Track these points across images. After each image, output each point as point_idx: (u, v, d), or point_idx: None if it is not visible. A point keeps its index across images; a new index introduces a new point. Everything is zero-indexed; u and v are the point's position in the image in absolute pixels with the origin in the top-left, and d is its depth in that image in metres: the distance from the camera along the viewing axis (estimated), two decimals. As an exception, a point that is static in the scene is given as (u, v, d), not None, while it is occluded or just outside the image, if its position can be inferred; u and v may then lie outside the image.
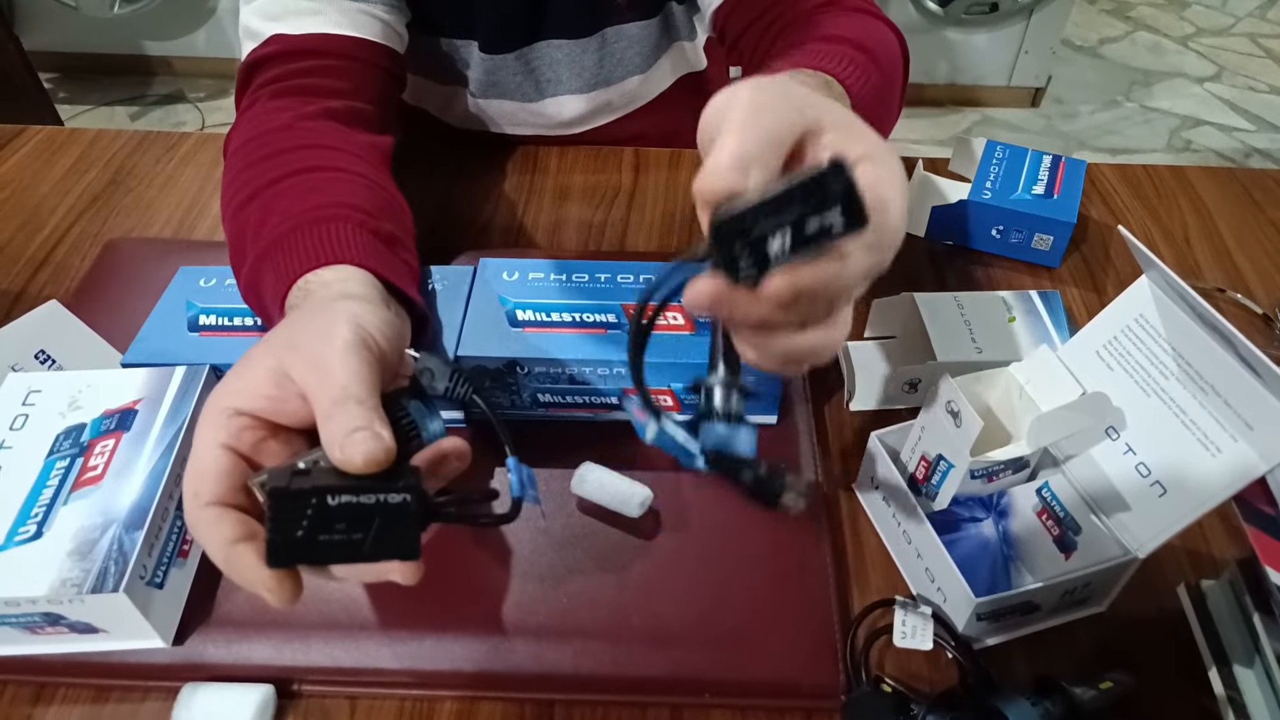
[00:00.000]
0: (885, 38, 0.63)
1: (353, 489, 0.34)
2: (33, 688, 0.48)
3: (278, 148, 0.56)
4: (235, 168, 0.58)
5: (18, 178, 0.82)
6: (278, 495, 0.34)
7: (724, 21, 0.71)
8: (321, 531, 0.34)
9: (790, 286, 0.30)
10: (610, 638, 0.48)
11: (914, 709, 0.45)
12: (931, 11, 2.33)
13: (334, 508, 0.34)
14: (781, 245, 0.29)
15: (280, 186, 0.54)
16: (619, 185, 0.82)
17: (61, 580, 0.44)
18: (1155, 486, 0.48)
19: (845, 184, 0.29)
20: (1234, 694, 0.47)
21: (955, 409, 0.48)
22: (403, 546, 0.35)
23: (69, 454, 0.49)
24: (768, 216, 0.29)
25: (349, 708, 0.48)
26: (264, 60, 0.62)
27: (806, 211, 0.29)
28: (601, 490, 0.53)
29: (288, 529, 0.34)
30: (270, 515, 0.34)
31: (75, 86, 2.56)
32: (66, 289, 0.70)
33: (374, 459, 0.34)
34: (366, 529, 0.34)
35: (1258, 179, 0.85)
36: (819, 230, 0.29)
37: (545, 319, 0.56)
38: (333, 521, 0.34)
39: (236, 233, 0.54)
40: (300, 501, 0.34)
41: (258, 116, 0.60)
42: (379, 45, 0.65)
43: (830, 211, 0.29)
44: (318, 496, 0.34)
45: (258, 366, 0.39)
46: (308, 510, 0.34)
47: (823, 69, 0.50)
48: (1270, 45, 2.83)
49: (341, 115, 0.61)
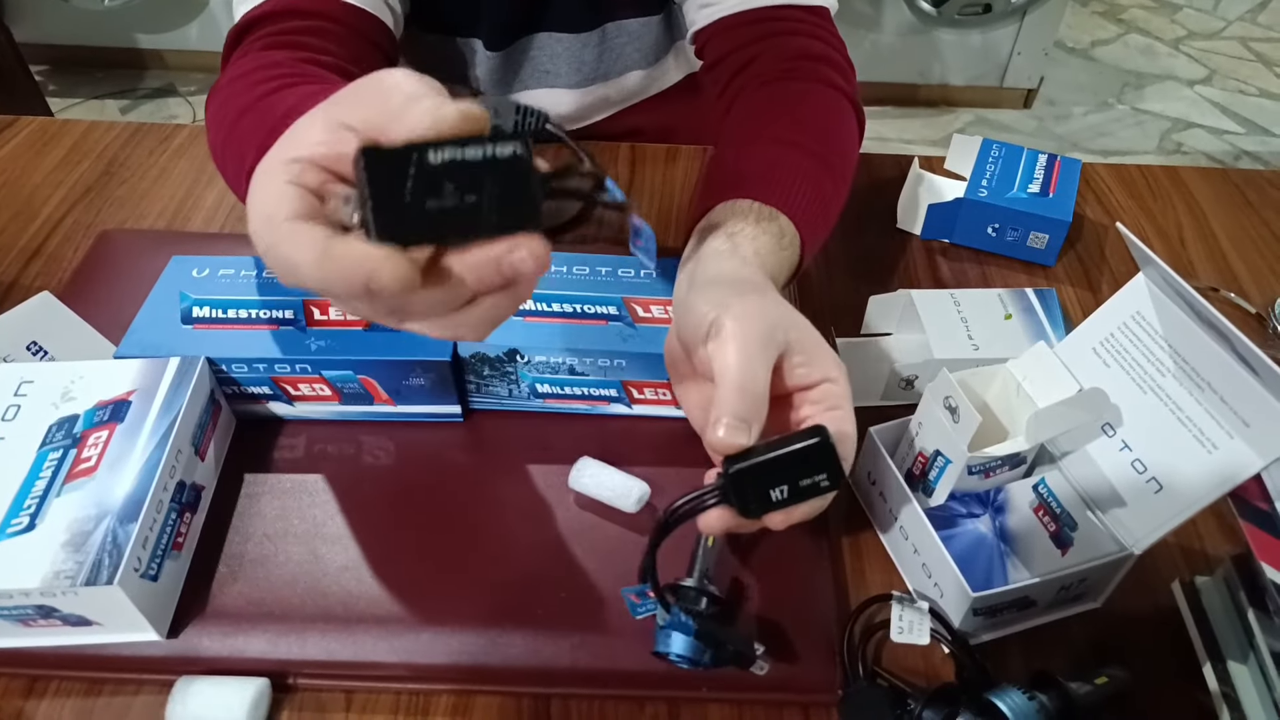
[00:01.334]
0: (845, 129, 0.64)
1: (456, 143, 0.30)
2: (25, 681, 0.48)
3: (272, 74, 0.55)
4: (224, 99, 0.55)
5: (10, 168, 0.81)
6: (370, 155, 0.29)
7: (702, 46, 0.72)
8: (429, 195, 0.30)
9: (787, 521, 0.40)
10: (607, 632, 0.48)
11: (910, 703, 0.45)
12: (925, 12, 2.33)
13: (437, 166, 0.30)
14: (780, 494, 0.39)
15: (281, 94, 0.51)
16: (616, 179, 0.81)
17: (55, 572, 0.43)
18: (1151, 483, 0.48)
19: (830, 456, 0.39)
20: (1228, 689, 0.47)
21: (953, 404, 0.48)
22: (524, 212, 0.31)
23: (62, 445, 0.49)
24: (772, 474, 0.39)
25: (345, 701, 0.47)
26: (258, 19, 0.61)
27: (800, 473, 0.39)
28: (599, 485, 0.53)
29: (390, 194, 0.29)
30: (367, 179, 0.29)
31: (65, 79, 2.54)
32: (59, 280, 0.70)
33: (471, 114, 0.31)
34: (479, 190, 0.30)
35: (1251, 180, 0.85)
36: (809, 486, 0.39)
37: (546, 309, 0.56)
38: (439, 182, 0.30)
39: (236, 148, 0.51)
40: (398, 160, 0.29)
41: (250, 61, 0.58)
42: (376, 20, 0.64)
43: (819, 475, 0.39)
44: (418, 152, 0.29)
45: (307, 123, 0.35)
46: (409, 169, 0.29)
47: (778, 205, 0.53)
48: (1261, 49, 2.85)
49: (332, 70, 0.59)
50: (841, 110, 0.64)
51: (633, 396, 0.57)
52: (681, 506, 0.41)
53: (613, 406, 0.58)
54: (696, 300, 0.44)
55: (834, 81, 0.65)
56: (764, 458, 0.39)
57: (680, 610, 0.45)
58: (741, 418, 0.40)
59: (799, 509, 0.40)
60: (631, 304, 0.57)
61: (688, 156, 0.85)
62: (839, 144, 0.62)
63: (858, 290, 0.66)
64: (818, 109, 0.63)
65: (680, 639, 0.45)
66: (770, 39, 0.67)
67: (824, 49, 0.67)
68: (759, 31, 0.67)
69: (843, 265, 0.72)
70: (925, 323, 0.61)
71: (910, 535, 0.51)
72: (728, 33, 0.69)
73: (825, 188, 0.58)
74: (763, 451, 0.39)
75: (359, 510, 0.53)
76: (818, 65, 0.65)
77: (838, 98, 0.64)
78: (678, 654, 0.45)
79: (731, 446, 0.39)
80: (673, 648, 0.45)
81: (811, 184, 0.56)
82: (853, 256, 0.74)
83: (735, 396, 0.40)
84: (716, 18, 0.69)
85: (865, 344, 0.64)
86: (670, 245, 0.75)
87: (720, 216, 0.53)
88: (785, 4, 0.67)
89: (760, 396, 0.41)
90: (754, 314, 0.43)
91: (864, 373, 0.62)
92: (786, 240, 0.53)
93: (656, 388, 0.56)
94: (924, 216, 0.76)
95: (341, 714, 0.47)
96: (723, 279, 0.47)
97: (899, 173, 0.81)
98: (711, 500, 0.40)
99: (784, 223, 0.53)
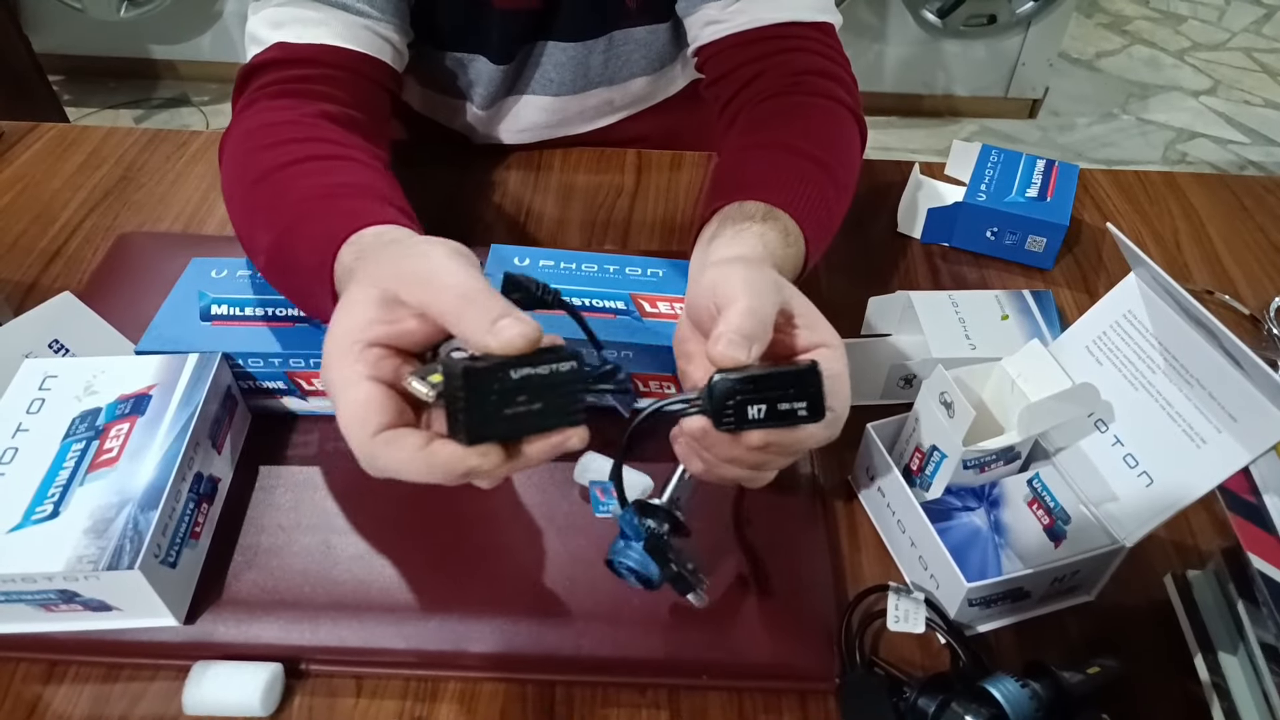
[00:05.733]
0: (849, 141, 0.65)
1: (529, 362, 0.36)
2: (44, 665, 0.49)
3: (284, 137, 0.57)
4: (239, 155, 0.58)
5: (30, 173, 0.84)
6: (470, 374, 0.36)
7: (705, 61, 0.73)
8: (507, 405, 0.36)
9: (763, 441, 0.40)
10: (610, 621, 0.49)
11: (906, 691, 0.46)
12: (930, 23, 2.35)
13: (516, 380, 0.36)
14: (757, 412, 0.40)
15: (294, 169, 0.54)
16: (621, 185, 0.83)
17: (78, 557, 0.45)
18: (1143, 477, 0.49)
19: (815, 386, 0.40)
20: (1219, 680, 0.48)
21: (949, 399, 0.49)
22: (571, 413, 0.38)
23: (85, 437, 0.50)
24: (754, 391, 0.39)
25: (355, 687, 0.49)
26: (264, 65, 0.63)
27: (782, 397, 0.40)
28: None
29: (481, 405, 0.36)
30: (464, 395, 0.36)
31: (80, 89, 2.57)
32: (79, 281, 0.72)
33: (531, 338, 0.36)
34: (544, 399, 0.37)
35: (1248, 186, 0.86)
36: (787, 411, 0.40)
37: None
38: (515, 394, 0.36)
39: (248, 211, 0.55)
40: (489, 378, 0.36)
41: (259, 113, 0.61)
42: (378, 62, 0.66)
43: (799, 402, 0.40)
44: (503, 370, 0.36)
45: (362, 300, 0.40)
46: (494, 385, 0.36)
47: (783, 207, 0.55)
48: (1265, 60, 2.85)
49: (339, 120, 0.61)
50: (845, 123, 0.66)
51: (639, 390, 0.59)
52: (660, 407, 0.41)
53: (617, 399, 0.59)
54: (707, 273, 0.45)
55: (838, 96, 0.66)
56: (749, 373, 0.40)
57: (633, 515, 0.46)
58: (745, 335, 0.40)
59: (778, 433, 0.40)
60: (639, 299, 0.58)
61: (692, 163, 0.86)
62: (842, 154, 0.63)
63: (858, 291, 0.67)
64: (822, 120, 0.65)
65: (632, 551, 0.45)
66: (776, 55, 0.68)
67: (828, 65, 0.68)
68: (765, 49, 0.68)
69: (843, 267, 0.74)
70: (924, 323, 0.63)
71: (907, 528, 0.52)
72: (734, 50, 0.70)
73: (829, 193, 0.59)
74: (752, 370, 0.40)
75: (369, 503, 0.55)
76: (822, 81, 0.67)
77: (841, 111, 0.66)
78: (626, 565, 0.45)
79: (730, 360, 0.40)
80: (621, 557, 0.46)
81: (816, 188, 0.58)
82: (853, 258, 0.75)
83: (741, 316, 0.41)
84: (722, 35, 0.70)
85: (865, 344, 0.65)
86: (675, 249, 0.77)
87: (728, 216, 0.54)
88: (791, 20, 0.69)
89: (765, 321, 0.41)
90: (764, 270, 0.45)
91: (863, 372, 0.63)
92: (792, 239, 0.54)
93: (663, 381, 0.58)
94: (924, 220, 0.77)
95: (352, 699, 0.48)
96: (734, 258, 0.50)
97: (900, 177, 0.82)
98: (690, 408, 0.41)
99: (789, 223, 0.55)
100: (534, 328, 0.37)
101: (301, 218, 0.51)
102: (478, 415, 0.36)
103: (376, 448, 0.37)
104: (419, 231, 0.53)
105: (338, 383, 0.39)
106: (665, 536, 0.46)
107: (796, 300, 0.45)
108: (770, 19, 0.68)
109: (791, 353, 0.44)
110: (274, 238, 0.52)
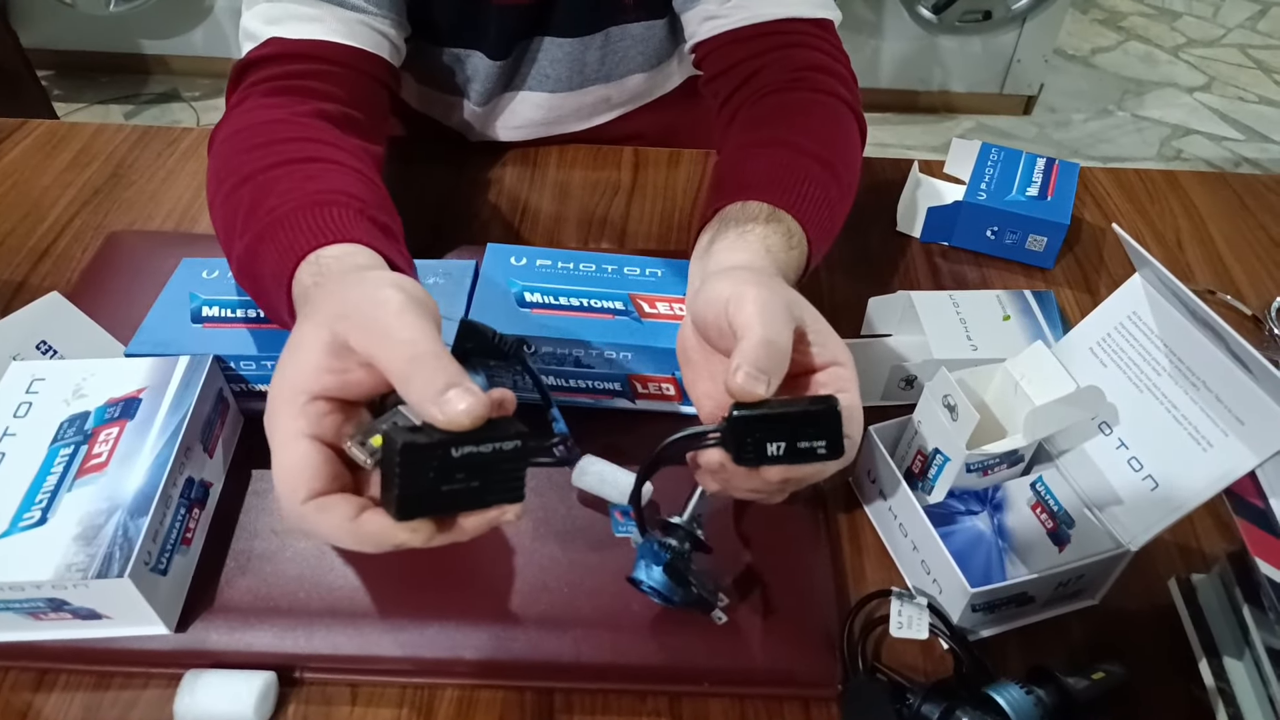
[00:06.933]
0: (850, 138, 0.65)
1: (472, 439, 0.36)
2: (34, 674, 0.48)
3: (272, 137, 0.56)
4: (225, 153, 0.57)
5: (18, 170, 0.82)
6: (408, 450, 0.35)
7: (704, 58, 0.72)
8: (444, 482, 0.36)
9: (782, 477, 0.41)
10: (610, 626, 0.49)
11: (909, 698, 0.46)
12: (925, 19, 2.35)
13: (457, 459, 0.35)
14: (776, 450, 0.40)
15: (276, 172, 0.53)
16: (618, 183, 0.82)
17: (66, 565, 0.44)
18: (1147, 481, 0.49)
19: (835, 426, 0.40)
20: (1224, 685, 0.48)
21: (952, 402, 0.49)
22: (512, 489, 0.37)
23: (73, 441, 0.49)
24: (773, 429, 0.40)
25: (350, 695, 0.48)
26: (259, 61, 0.62)
27: (801, 435, 0.40)
28: (602, 483, 0.53)
29: (416, 482, 0.35)
30: (400, 471, 0.35)
31: (70, 84, 2.55)
32: (67, 280, 0.71)
33: (478, 415, 0.35)
34: (483, 476, 0.36)
35: (1249, 184, 0.86)
36: (807, 450, 0.40)
37: (553, 302, 0.57)
38: (454, 472, 0.36)
39: (228, 213, 0.54)
40: (428, 455, 0.35)
41: (250, 110, 0.60)
42: (376, 57, 0.65)
43: (818, 441, 0.40)
44: (443, 449, 0.35)
45: (312, 343, 0.38)
46: (434, 463, 0.35)
47: (786, 207, 0.54)
48: (1260, 56, 2.86)
49: (334, 118, 0.60)
50: (846, 120, 0.65)
51: (637, 391, 0.58)
52: (680, 440, 0.41)
53: (616, 401, 0.59)
54: (714, 282, 0.45)
55: (837, 92, 0.66)
56: (770, 410, 0.40)
57: (655, 541, 0.46)
58: (762, 369, 0.40)
59: (797, 470, 0.40)
60: (638, 300, 0.58)
61: (689, 160, 0.86)
62: (845, 153, 0.63)
63: (858, 291, 0.67)
64: (823, 118, 0.64)
65: (655, 570, 0.45)
66: (775, 52, 0.67)
67: (828, 61, 0.67)
68: (764, 45, 0.68)
69: (843, 267, 0.73)
70: (925, 323, 0.62)
71: (910, 532, 0.52)
72: (732, 46, 0.69)
73: (832, 193, 0.59)
74: (771, 406, 0.40)
75: (365, 507, 0.54)
76: (822, 77, 0.66)
77: (842, 108, 0.65)
78: (649, 584, 0.46)
79: (748, 394, 0.40)
80: (645, 576, 0.46)
81: (819, 188, 0.57)
82: (853, 258, 0.75)
83: (758, 349, 0.40)
84: (721, 31, 0.69)
85: (865, 344, 0.64)
86: (673, 247, 0.76)
87: (730, 217, 0.54)
88: (790, 17, 0.68)
89: (783, 353, 0.41)
90: (775, 290, 0.44)
91: (864, 373, 0.62)
92: (795, 240, 0.54)
93: (661, 382, 0.57)
94: (923, 219, 0.77)
95: (347, 707, 0.47)
96: (739, 266, 0.49)
97: (899, 176, 0.82)
98: (709, 440, 0.41)
99: (792, 224, 0.54)
100: (481, 403, 0.35)
101: (271, 226, 0.50)
102: (411, 491, 0.35)
103: (307, 512, 0.37)
104: (396, 244, 0.52)
105: (277, 438, 0.38)
106: (687, 555, 0.47)
107: (808, 315, 0.45)
108: (769, 14, 0.68)
109: (804, 370, 0.44)
110: (245, 244, 0.51)
